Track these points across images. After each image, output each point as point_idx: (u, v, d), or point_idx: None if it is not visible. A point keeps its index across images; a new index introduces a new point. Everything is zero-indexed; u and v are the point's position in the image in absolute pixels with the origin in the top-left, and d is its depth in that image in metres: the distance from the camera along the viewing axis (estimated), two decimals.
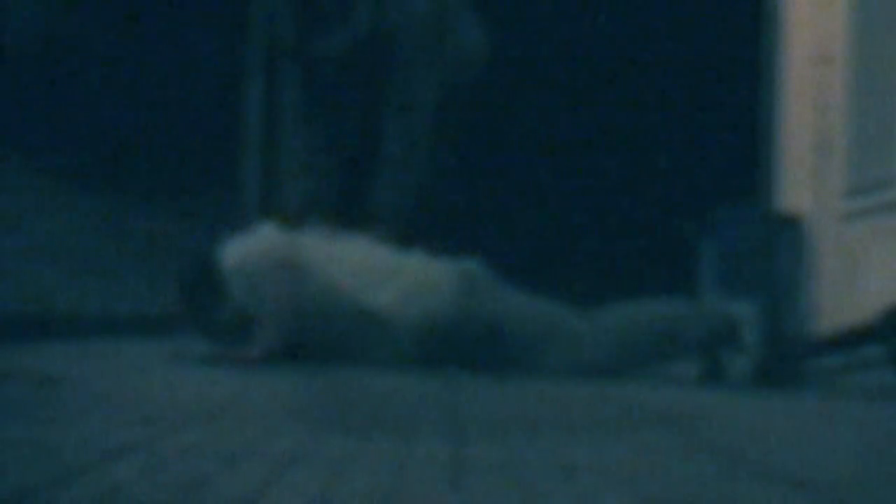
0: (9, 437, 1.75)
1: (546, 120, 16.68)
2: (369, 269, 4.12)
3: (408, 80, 4.61)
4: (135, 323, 5.76)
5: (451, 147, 5.09)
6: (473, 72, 4.96)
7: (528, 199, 15.54)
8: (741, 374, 3.90)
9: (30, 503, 1.27)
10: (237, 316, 3.97)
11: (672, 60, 16.40)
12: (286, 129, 4.90)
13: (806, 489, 1.60)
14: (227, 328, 4.02)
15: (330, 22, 4.34)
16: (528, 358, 4.12)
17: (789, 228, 8.11)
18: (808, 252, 8.08)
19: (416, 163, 4.62)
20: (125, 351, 4.26)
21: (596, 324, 4.13)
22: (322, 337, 4.11)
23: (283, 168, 4.92)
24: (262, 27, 12.13)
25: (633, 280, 12.12)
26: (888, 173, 6.83)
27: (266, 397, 2.57)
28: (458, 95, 4.97)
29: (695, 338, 4.08)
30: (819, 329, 7.43)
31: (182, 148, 14.39)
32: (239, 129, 12.91)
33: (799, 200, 8.28)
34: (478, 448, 1.88)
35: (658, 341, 4.10)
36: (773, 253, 8.07)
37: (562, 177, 15.85)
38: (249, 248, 3.98)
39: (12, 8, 13.75)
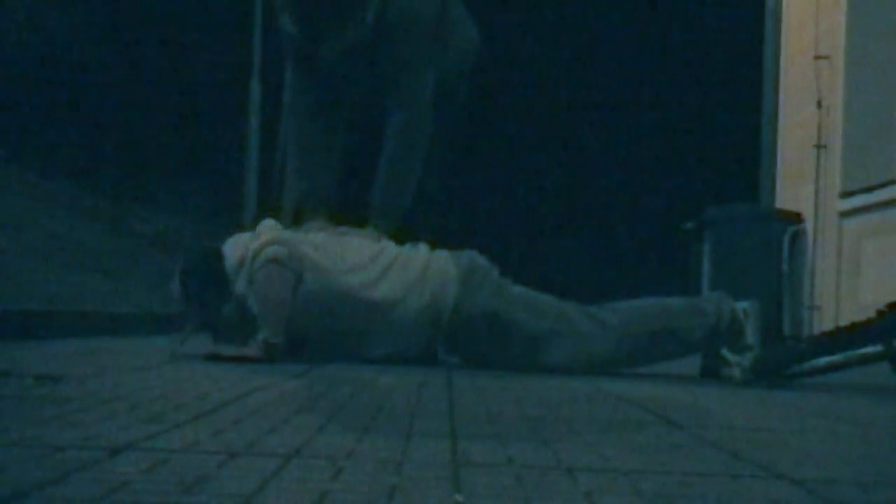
0: (9, 435, 1.76)
1: (545, 119, 16.68)
2: (370, 262, 4.11)
3: (409, 75, 4.61)
4: (136, 321, 5.76)
5: (449, 145, 5.08)
6: (468, 67, 4.95)
7: (527, 198, 15.54)
8: (741, 372, 3.90)
9: (30, 501, 1.27)
10: (238, 312, 3.97)
11: (672, 60, 16.42)
12: (286, 129, 4.90)
13: (805, 487, 1.60)
14: (228, 324, 4.03)
15: (335, 24, 4.35)
16: (530, 353, 4.11)
17: (789, 227, 8.10)
18: (808, 251, 8.07)
19: (415, 158, 4.62)
20: (126, 349, 4.26)
21: (598, 319, 4.12)
22: (324, 333, 4.11)
23: (283, 167, 4.93)
24: (265, 29, 12.13)
25: (633, 279, 12.14)
26: (888, 172, 6.83)
27: (266, 395, 2.57)
28: (455, 92, 4.96)
29: (699, 335, 4.06)
30: (818, 327, 7.44)
31: (182, 148, 14.42)
32: (239, 130, 12.92)
33: (798, 199, 8.28)
34: (478, 447, 1.88)
35: (660, 338, 4.09)
36: (773, 252, 8.06)
37: (561, 177, 15.85)
38: (250, 244, 3.99)
39: (14, 7, 13.76)
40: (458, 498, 1.40)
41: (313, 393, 2.71)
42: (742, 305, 4.05)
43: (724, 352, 4.02)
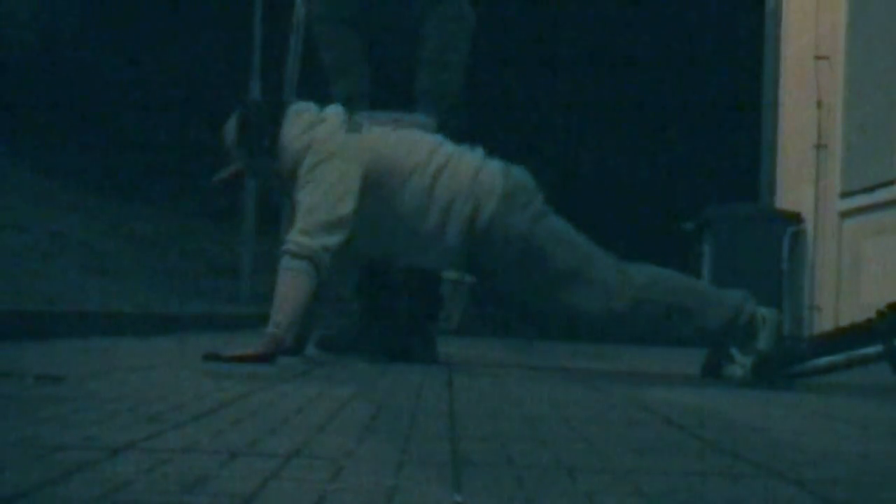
0: (9, 435, 1.76)
1: (545, 119, 16.68)
2: (427, 159, 4.03)
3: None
4: (136, 321, 5.76)
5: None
6: (467, 36, 4.84)
7: None
8: (743, 372, 3.89)
9: (30, 501, 1.27)
10: (282, 173, 4.01)
11: (672, 60, 16.41)
12: (318, 36, 4.82)
13: (806, 487, 1.60)
14: (269, 174, 4.10)
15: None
16: (549, 286, 4.03)
17: (789, 227, 8.11)
18: (808, 251, 8.08)
19: (458, 45, 4.54)
20: (127, 349, 4.26)
21: (626, 276, 4.04)
22: (363, 242, 4.07)
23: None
24: (265, 28, 12.11)
25: None
26: (888, 172, 6.83)
27: (266, 395, 2.57)
28: (453, 79, 4.88)
29: (714, 324, 4.02)
30: (818, 327, 7.44)
31: (182, 148, 14.41)
32: None
33: (798, 199, 8.28)
34: (478, 447, 1.88)
35: (676, 314, 4.02)
36: (773, 252, 8.07)
37: (561, 176, 15.84)
38: (315, 123, 4.03)
39: (15, 7, 13.76)
40: (458, 498, 1.40)
41: (313, 393, 2.71)
42: (763, 311, 4.02)
43: (733, 350, 4.00)
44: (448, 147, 4.13)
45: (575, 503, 1.42)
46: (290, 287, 3.75)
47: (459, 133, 4.41)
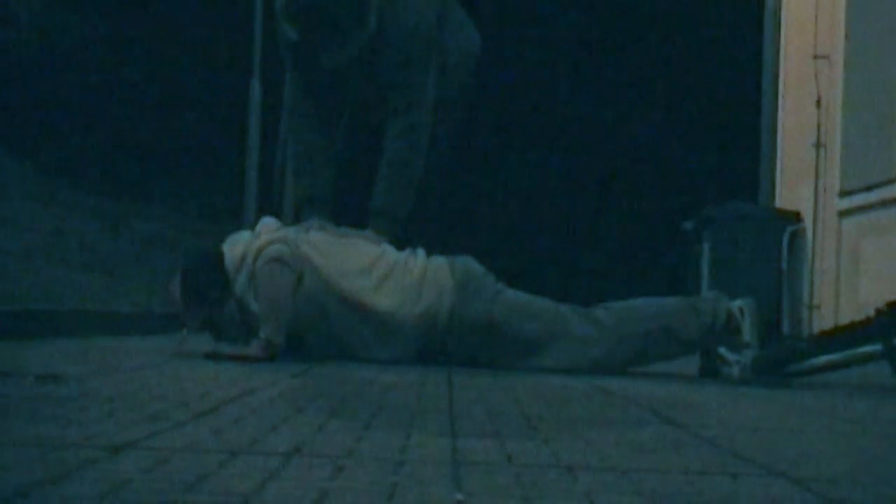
0: (10, 434, 1.76)
1: (544, 119, 16.67)
2: (370, 267, 4.12)
3: (409, 80, 4.61)
4: (136, 321, 5.76)
5: (446, 147, 5.08)
6: (470, 70, 4.95)
7: (526, 199, 15.55)
8: (740, 370, 3.90)
9: (32, 500, 1.28)
10: (239, 311, 3.98)
11: (672, 60, 16.41)
12: (286, 130, 4.91)
13: (805, 486, 1.61)
14: (229, 323, 4.03)
15: (336, 33, 4.38)
16: (527, 356, 4.12)
17: (788, 227, 8.11)
18: (807, 250, 8.08)
19: (415, 162, 4.62)
20: (127, 348, 4.26)
21: (594, 321, 4.13)
22: (321, 334, 4.12)
23: (284, 168, 4.94)
24: (265, 28, 12.12)
25: (633, 279, 12.12)
26: (887, 172, 6.84)
27: (266, 394, 2.57)
28: (453, 94, 4.96)
29: (695, 334, 4.07)
30: (818, 327, 7.44)
31: (183, 148, 14.41)
32: (239, 130, 12.93)
33: (798, 198, 8.28)
34: (477, 445, 1.88)
35: (657, 338, 4.09)
36: (773, 251, 8.07)
37: (561, 176, 15.85)
38: (251, 242, 3.99)
39: (15, 7, 13.75)
40: (458, 497, 1.40)
41: (313, 392, 2.72)
42: (737, 303, 4.05)
43: (723, 350, 4.02)
44: (391, 255, 4.22)
45: (575, 503, 1.43)
46: (271, 291, 3.79)
47: (433, 194, 4.57)
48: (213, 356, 3.74)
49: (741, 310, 4.02)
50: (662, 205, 13.90)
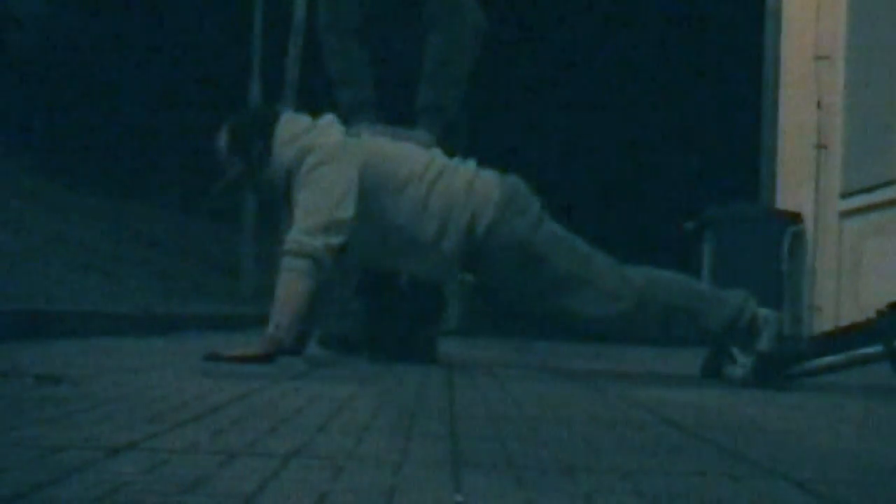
0: (10, 434, 1.76)
1: (544, 120, 16.67)
2: (423, 171, 4.06)
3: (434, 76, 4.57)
4: (136, 321, 5.76)
5: (457, 142, 5.05)
6: (477, 44, 4.88)
7: None
8: (743, 373, 3.89)
9: (30, 502, 1.27)
10: (282, 176, 4.00)
11: (672, 60, 16.41)
12: (325, 45, 4.86)
13: (806, 487, 1.60)
14: (269, 184, 4.07)
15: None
16: (551, 294, 4.05)
17: (789, 227, 8.11)
18: (808, 251, 8.08)
19: (460, 63, 4.57)
20: (126, 349, 4.26)
21: (625, 278, 4.05)
22: (364, 247, 4.08)
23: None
24: (265, 28, 12.11)
25: None
26: (888, 172, 6.84)
27: (266, 395, 2.57)
28: (462, 74, 4.90)
29: (716, 325, 4.02)
30: (818, 327, 7.44)
31: (183, 148, 14.42)
32: None
33: (798, 199, 8.29)
34: (478, 447, 1.88)
35: (678, 315, 4.03)
36: (773, 252, 8.07)
37: (561, 177, 15.85)
38: (307, 130, 4.04)
39: (16, 7, 13.76)
40: (458, 498, 1.40)
41: (313, 392, 2.72)
42: (764, 312, 4.02)
43: (735, 350, 4.01)
44: (442, 160, 4.16)
45: (575, 503, 1.42)
46: (291, 287, 3.76)
47: (459, 144, 4.46)
48: (212, 358, 3.73)
49: (766, 319, 3.99)
50: (663, 205, 13.91)
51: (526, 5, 16.11)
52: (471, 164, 4.19)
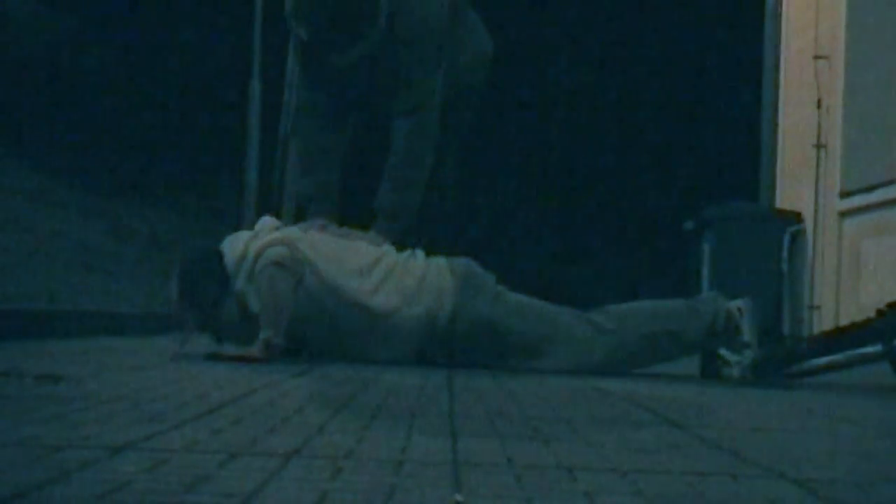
0: (10, 434, 1.76)
1: (545, 120, 16.66)
2: (369, 269, 4.12)
3: (419, 80, 4.60)
4: (136, 321, 5.76)
5: (457, 148, 5.07)
6: (481, 72, 4.94)
7: (526, 199, 15.54)
8: (740, 370, 3.90)
9: (30, 501, 1.27)
10: (238, 310, 3.97)
11: (672, 60, 16.40)
12: (286, 128, 4.90)
13: (805, 487, 1.60)
14: (228, 323, 4.02)
15: (347, 33, 4.39)
16: (528, 358, 4.12)
17: (788, 227, 8.11)
18: (808, 250, 8.08)
19: (422, 162, 4.61)
20: (126, 349, 4.26)
21: (594, 324, 4.13)
22: (322, 334, 4.11)
23: (284, 167, 4.93)
24: (265, 28, 12.12)
25: (633, 279, 12.11)
26: (888, 172, 6.84)
27: (266, 395, 2.57)
28: (465, 96, 4.95)
29: (696, 335, 4.07)
30: (818, 327, 7.44)
31: (183, 148, 14.41)
32: (239, 129, 12.93)
33: (798, 199, 8.28)
34: (477, 446, 1.88)
35: (657, 340, 4.10)
36: (773, 252, 8.06)
37: (561, 176, 15.85)
38: (250, 242, 3.99)
39: (15, 8, 13.75)
40: (458, 498, 1.40)
41: (313, 392, 2.72)
42: (736, 303, 4.05)
43: (723, 351, 4.02)
44: (391, 257, 4.20)
45: (575, 503, 1.42)
46: (270, 291, 3.78)
47: (446, 192, 4.54)
48: (213, 357, 3.74)
49: (740, 310, 4.03)
50: (663, 205, 13.90)
51: (527, 5, 16.10)
52: (419, 256, 4.24)
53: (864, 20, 7.51)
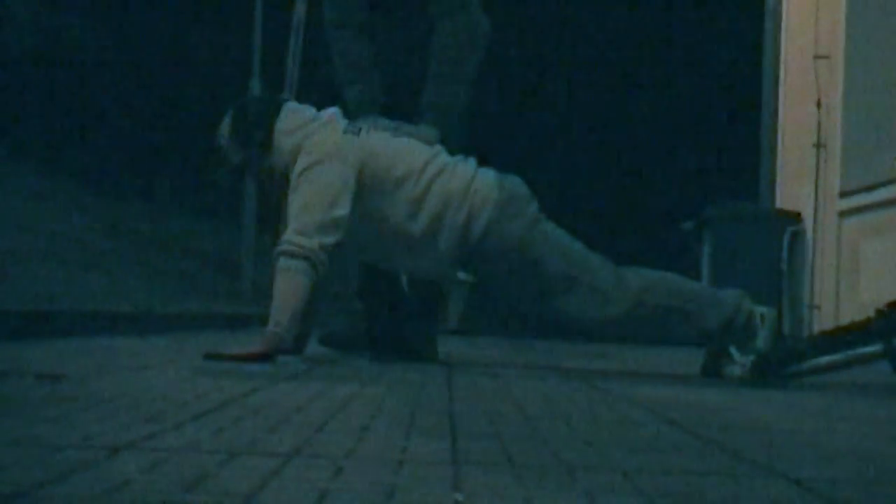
0: (10, 434, 1.76)
1: (545, 119, 16.67)
2: (421, 169, 4.04)
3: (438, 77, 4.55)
4: (136, 321, 5.76)
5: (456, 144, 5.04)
6: (480, 49, 4.87)
7: None
8: (742, 371, 3.89)
9: (30, 501, 1.27)
10: (268, 169, 4.03)
11: (672, 60, 16.41)
12: (331, 43, 4.83)
13: (805, 487, 1.60)
14: (269, 175, 4.08)
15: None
16: (545, 292, 4.04)
17: (788, 227, 8.11)
18: (807, 250, 8.08)
19: (467, 60, 4.54)
20: (126, 348, 4.26)
21: (621, 279, 4.05)
22: (359, 243, 4.08)
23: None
24: (265, 28, 12.11)
25: None
26: (887, 172, 6.84)
27: (266, 395, 2.57)
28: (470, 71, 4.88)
29: (712, 324, 4.02)
30: (818, 327, 7.44)
31: (183, 148, 14.42)
32: None
33: (798, 198, 8.28)
34: (477, 445, 1.88)
35: (674, 316, 4.03)
36: (773, 252, 8.07)
37: (561, 176, 15.85)
38: (307, 124, 4.04)
39: (15, 7, 13.75)
40: (458, 497, 1.40)
41: (313, 392, 2.72)
42: (761, 309, 4.02)
43: (733, 349, 4.01)
44: (443, 157, 4.14)
45: (575, 503, 1.42)
46: (289, 287, 3.76)
47: (460, 144, 4.43)
48: (212, 357, 3.73)
49: (762, 316, 3.99)
50: (662, 205, 13.90)
51: (527, 6, 16.10)
52: (471, 163, 4.18)
53: (864, 20, 7.51)
